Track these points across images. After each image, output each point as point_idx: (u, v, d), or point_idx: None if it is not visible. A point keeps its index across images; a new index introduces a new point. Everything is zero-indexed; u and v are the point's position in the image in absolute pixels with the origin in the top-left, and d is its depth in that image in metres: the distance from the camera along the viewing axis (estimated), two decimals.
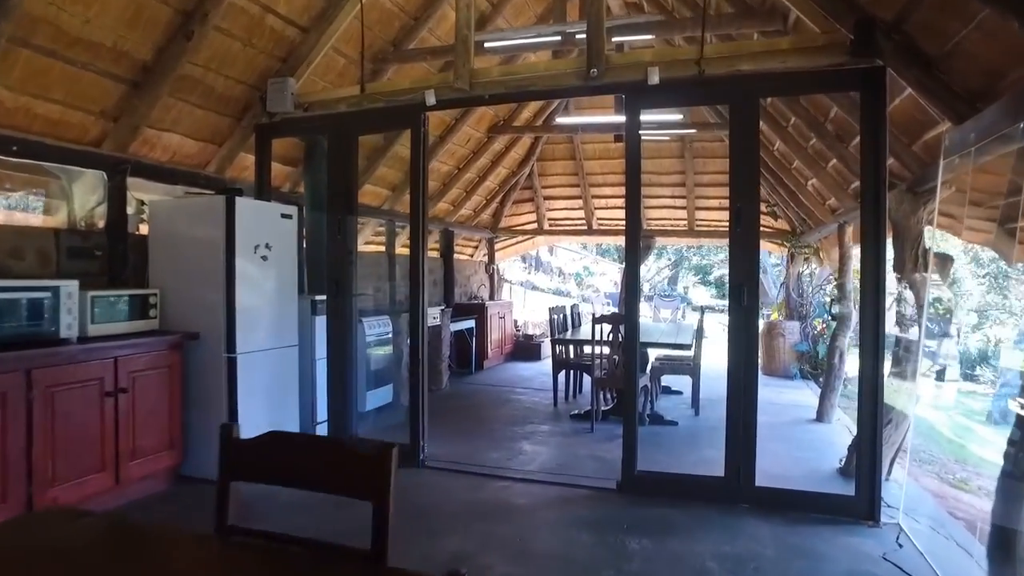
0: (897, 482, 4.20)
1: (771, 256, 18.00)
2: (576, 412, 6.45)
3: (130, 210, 4.49)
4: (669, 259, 28.64)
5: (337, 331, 4.95)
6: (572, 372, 7.24)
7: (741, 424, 3.86)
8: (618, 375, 5.74)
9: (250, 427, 1.59)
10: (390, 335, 6.62)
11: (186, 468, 4.20)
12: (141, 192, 4.74)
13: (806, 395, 7.97)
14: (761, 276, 15.94)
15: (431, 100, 4.52)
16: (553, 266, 22.36)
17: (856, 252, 6.55)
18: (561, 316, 7.20)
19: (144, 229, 4.63)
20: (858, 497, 3.59)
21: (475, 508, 3.88)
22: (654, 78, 3.96)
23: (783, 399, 7.53)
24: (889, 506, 3.70)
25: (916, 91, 3.37)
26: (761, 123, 5.49)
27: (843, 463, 4.64)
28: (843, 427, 6.17)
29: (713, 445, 5.33)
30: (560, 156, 10.38)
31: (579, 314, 7.92)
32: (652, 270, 28.89)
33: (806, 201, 8.32)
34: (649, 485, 4.10)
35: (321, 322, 5.09)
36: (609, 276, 25.06)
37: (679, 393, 7.69)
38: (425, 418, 4.76)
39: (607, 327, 5.77)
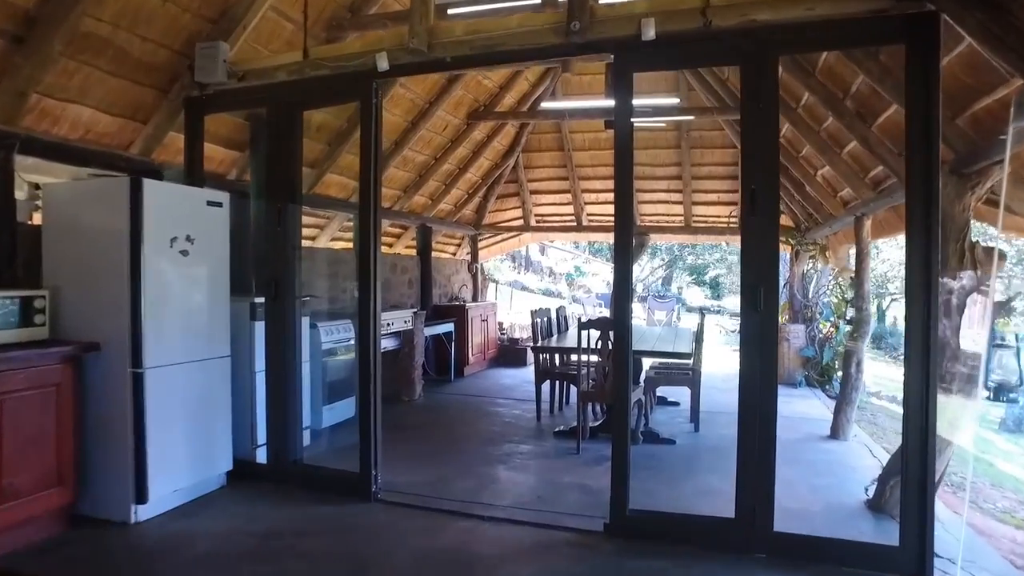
0: (940, 521, 3.50)
1: None
2: (561, 429, 5.73)
3: (21, 195, 3.74)
4: (663, 259, 27.99)
5: (276, 339, 4.22)
6: (557, 382, 6.53)
7: (756, 455, 3.15)
8: (607, 388, 5.03)
9: (165, 456, 0.85)
10: (352, 341, 5.89)
11: (84, 506, 3.46)
12: (41, 175, 3.99)
13: (815, 406, 7.28)
14: None
15: (383, 64, 3.79)
16: (544, 266, 21.67)
17: (872, 249, 5.87)
18: (545, 320, 6.49)
19: (39, 218, 3.88)
20: (904, 547, 2.89)
21: (429, 561, 3.16)
22: (649, 32, 3.25)
23: (790, 410, 6.83)
24: (940, 556, 3.00)
25: (979, 41, 2.67)
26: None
27: (872, 495, 3.94)
28: (861, 446, 5.48)
29: (717, 469, 4.63)
30: (547, 147, 9.67)
31: (566, 317, 7.22)
32: (646, 270, 28.25)
33: (814, 193, 7.64)
34: (643, 528, 3.39)
35: (264, 328, 4.35)
36: (602, 276, 24.39)
37: (676, 404, 6.99)
38: (378, 442, 4.03)
39: (595, 333, 5.06)
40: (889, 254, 17.38)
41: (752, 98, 3.17)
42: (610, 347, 4.92)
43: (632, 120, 3.59)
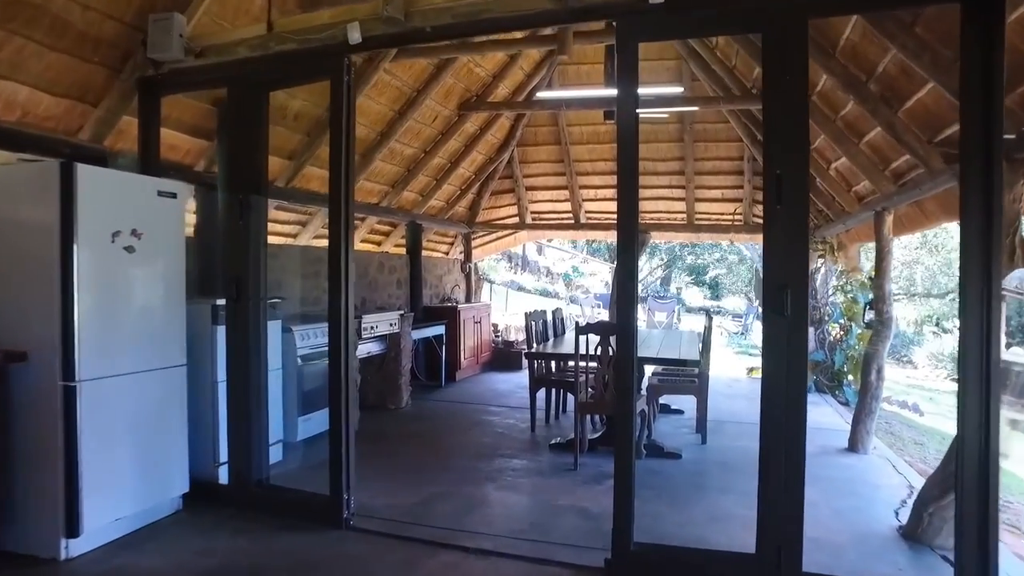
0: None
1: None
2: (557, 441, 5.29)
3: None
4: (662, 258, 27.57)
5: (238, 345, 3.77)
6: (553, 390, 6.09)
7: (782, 483, 2.72)
8: (608, 399, 4.59)
9: (104, 481, 0.40)
10: None
11: (7, 542, 3.02)
12: None
13: (826, 414, 6.86)
14: (757, 273, 14.80)
15: (355, 36, 3.36)
16: (541, 265, 21.23)
17: (893, 246, 5.45)
18: (540, 323, 6.05)
19: None
20: None
21: None
22: None
23: None
24: None
25: None
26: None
27: (906, 522, 3.52)
28: (883, 460, 5.05)
29: (729, 488, 4.21)
30: (543, 140, 9.23)
31: (563, 320, 6.78)
32: (644, 270, 27.85)
33: (826, 188, 7.22)
34: (650, 565, 2.96)
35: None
36: (600, 276, 23.96)
37: (679, 413, 6.56)
38: (351, 462, 3.60)
39: (594, 338, 4.62)
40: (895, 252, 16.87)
41: (777, 69, 2.73)
42: (611, 354, 4.49)
43: (637, 105, 3.11)
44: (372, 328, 6.00)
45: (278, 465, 4.54)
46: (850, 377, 7.80)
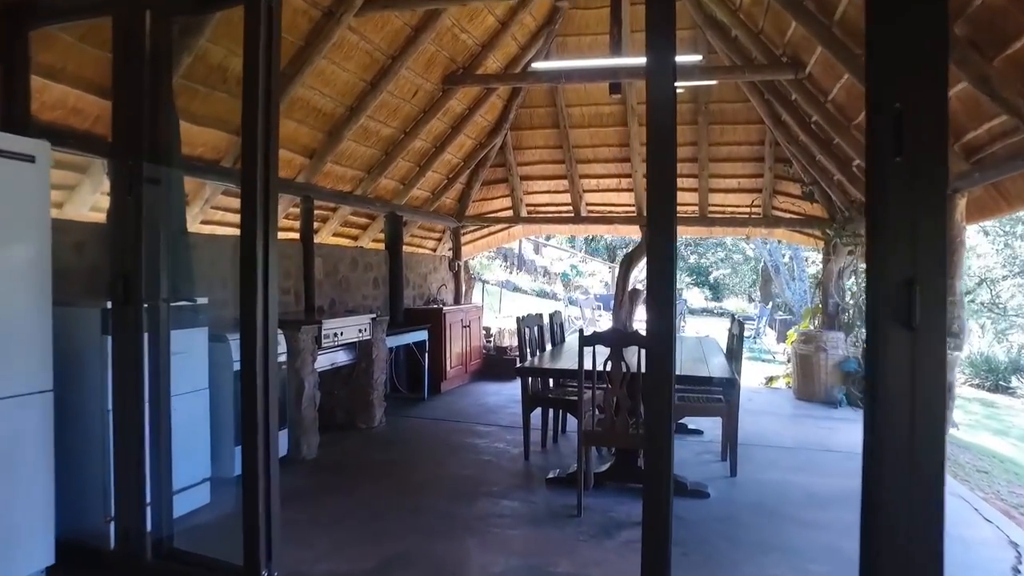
0: None
1: (782, 247, 15.74)
2: (556, 475, 4.33)
3: None
4: None
5: (124, 362, 2.80)
6: (551, 410, 5.14)
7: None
8: (620, 428, 3.64)
9: None
10: (283, 357, 4.49)
11: None
12: None
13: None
14: (772, 274, 13.83)
15: None
16: (537, 265, 20.28)
17: (965, 237, 4.51)
18: (535, 330, 5.09)
19: None
20: None
21: None
22: None
23: (839, 441, 5.46)
24: None
25: None
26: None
27: None
28: (958, 501, 4.09)
29: (772, 544, 3.28)
30: (540, 124, 8.28)
31: (562, 324, 5.81)
32: (637, 269, 26.90)
33: (862, 175, 6.27)
34: None
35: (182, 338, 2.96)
36: (599, 276, 23.03)
37: (698, 433, 5.62)
38: (273, 522, 2.62)
39: (603, 350, 3.66)
40: None
41: None
42: (625, 370, 3.53)
43: (675, 76, 2.15)
44: (336, 335, 5.04)
45: (202, 511, 3.59)
46: None
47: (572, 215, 8.89)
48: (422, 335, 7.00)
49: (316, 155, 5.87)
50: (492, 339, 9.45)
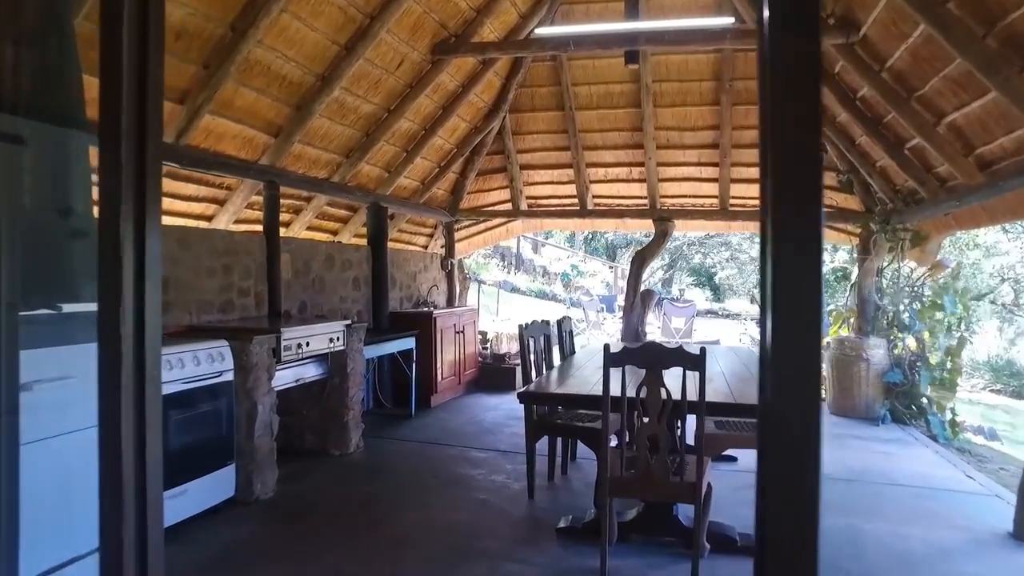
0: None
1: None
2: (569, 524, 3.46)
3: None
4: (663, 257, 25.79)
5: None
6: (560, 438, 4.28)
7: None
8: (657, 473, 2.77)
9: None
10: (229, 375, 3.62)
11: None
12: None
13: (926, 458, 5.08)
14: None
15: None
16: (536, 264, 19.41)
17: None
18: (542, 340, 4.22)
19: None
20: None
21: None
22: None
23: (904, 470, 4.62)
24: None
25: None
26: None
27: None
28: None
29: None
30: (542, 105, 7.42)
31: (571, 332, 4.93)
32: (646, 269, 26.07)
33: (917, 157, 5.43)
34: None
35: (53, 357, 2.10)
36: (600, 276, 22.18)
37: (731, 460, 4.77)
38: None
39: (635, 373, 2.79)
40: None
41: None
42: (664, 398, 2.67)
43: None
44: (300, 346, 4.16)
45: None
46: (946, 407, 6.04)
47: (577, 208, 8.02)
48: (409, 343, 6.13)
49: (282, 133, 5.00)
50: (489, 345, 8.59)
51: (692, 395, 2.73)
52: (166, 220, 4.66)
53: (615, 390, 2.75)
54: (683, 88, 6.88)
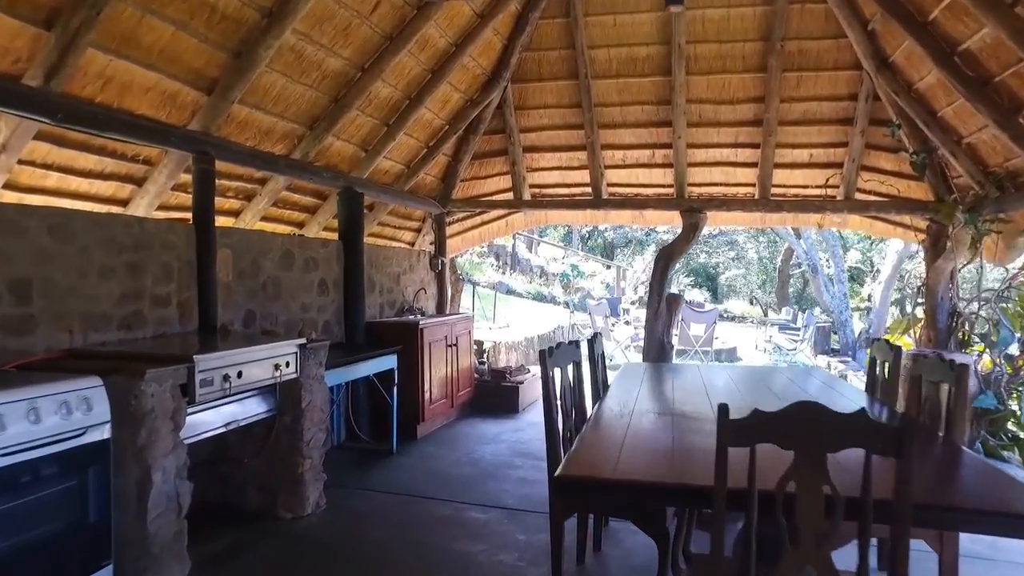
0: None
1: (818, 243, 13.55)
2: None
3: None
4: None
5: None
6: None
7: None
8: None
9: None
10: (103, 430, 2.38)
11: None
12: None
13: None
14: (809, 274, 11.84)
15: None
16: (533, 264, 18.20)
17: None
18: (571, 371, 2.97)
19: None
20: None
21: None
22: None
23: None
24: None
25: None
26: None
27: None
28: None
29: None
30: (551, 74, 6.21)
31: (602, 356, 3.64)
32: (644, 267, 24.93)
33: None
34: None
35: None
36: (599, 277, 21.00)
37: None
38: None
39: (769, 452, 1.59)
40: None
41: None
42: (829, 490, 1.44)
43: None
44: (227, 379, 2.91)
45: None
46: None
47: (591, 198, 6.81)
48: (389, 362, 4.90)
49: (218, 89, 3.76)
50: (486, 357, 7.39)
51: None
52: (54, 201, 3.43)
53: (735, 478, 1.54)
54: (723, 51, 5.69)
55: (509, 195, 7.08)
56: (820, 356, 10.75)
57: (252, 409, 3.34)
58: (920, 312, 6.11)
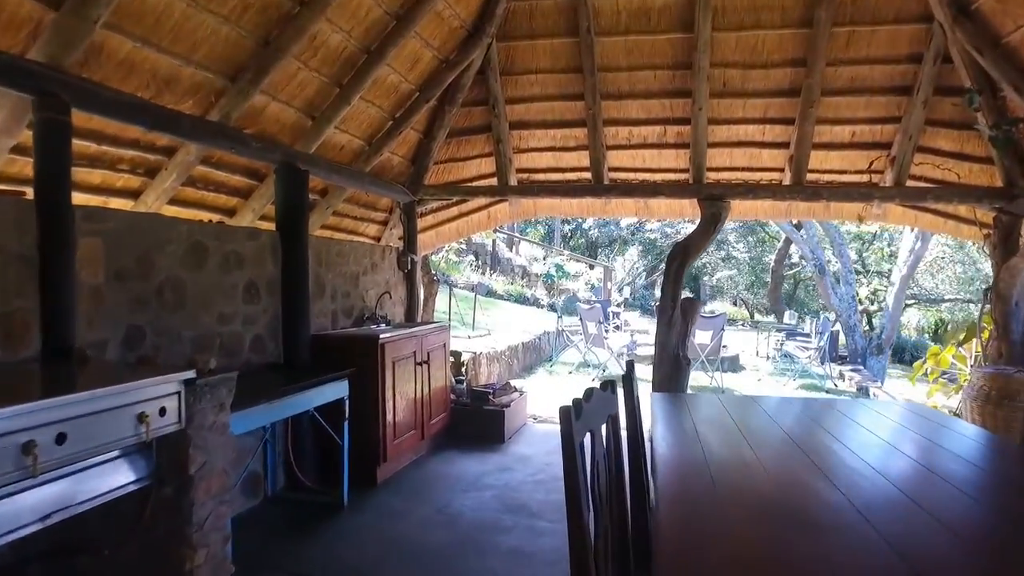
0: None
1: (846, 229, 12.27)
2: None
3: None
4: (644, 256, 23.71)
5: None
6: None
7: None
8: None
9: None
10: None
11: None
12: None
13: None
14: (817, 275, 10.89)
15: None
16: (515, 264, 17.08)
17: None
18: (605, 438, 1.84)
19: None
20: None
21: None
22: None
23: None
24: None
25: None
26: None
27: None
28: None
29: None
30: (545, 30, 5.09)
31: (638, 401, 2.51)
32: (629, 268, 23.98)
33: None
34: None
35: None
36: (583, 278, 19.95)
37: None
38: None
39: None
40: None
41: None
42: None
43: None
44: (33, 447, 1.73)
45: None
46: None
47: (591, 183, 5.71)
48: (337, 390, 3.73)
49: (69, 3, 2.57)
50: (464, 373, 6.25)
51: None
52: None
53: None
54: (757, 1, 4.63)
55: (493, 181, 5.96)
56: (827, 364, 9.78)
57: (101, 484, 2.15)
58: (988, 320, 5.11)
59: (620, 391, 2.06)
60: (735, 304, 25.61)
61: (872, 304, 12.94)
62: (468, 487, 4.21)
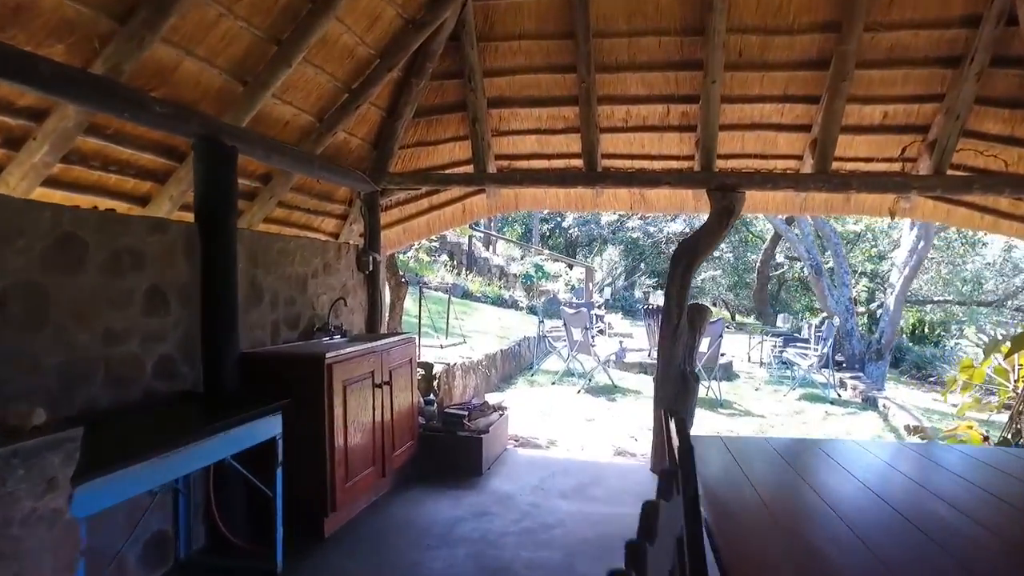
0: None
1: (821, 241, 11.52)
2: None
3: None
4: (623, 256, 23.07)
5: None
6: None
7: None
8: None
9: None
10: None
11: None
12: None
13: None
14: (813, 276, 10.30)
15: None
16: (492, 264, 16.25)
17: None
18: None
19: None
20: None
21: None
22: None
23: None
24: None
25: None
26: None
27: None
28: None
29: None
30: None
31: (693, 453, 1.76)
32: (609, 268, 23.31)
33: None
34: None
35: None
36: (563, 279, 19.21)
37: None
38: None
39: None
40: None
41: None
42: None
43: None
44: None
45: None
46: None
47: (582, 170, 4.92)
48: (266, 429, 2.87)
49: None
50: (436, 387, 5.43)
51: None
52: None
53: None
54: None
55: (468, 168, 5.14)
56: (830, 372, 9.15)
57: None
58: None
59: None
60: (714, 305, 25.13)
61: (861, 307, 12.38)
62: (437, 540, 3.38)
